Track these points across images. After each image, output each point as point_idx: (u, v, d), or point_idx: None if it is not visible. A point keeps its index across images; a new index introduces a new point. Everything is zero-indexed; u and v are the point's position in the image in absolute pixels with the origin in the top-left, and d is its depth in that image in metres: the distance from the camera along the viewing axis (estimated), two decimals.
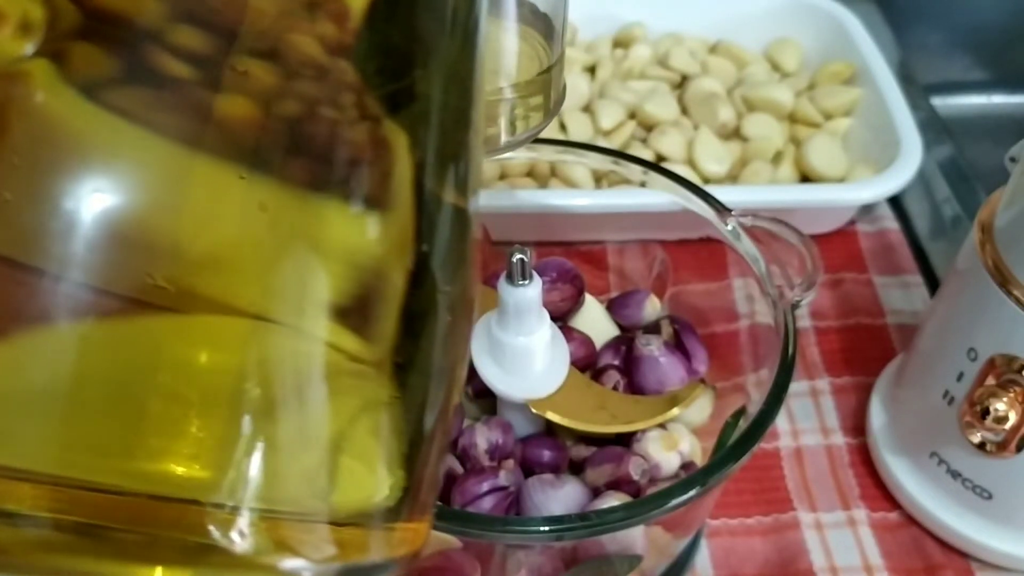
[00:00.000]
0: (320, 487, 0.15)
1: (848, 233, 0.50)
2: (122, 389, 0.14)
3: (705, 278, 0.37)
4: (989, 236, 0.32)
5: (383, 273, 0.16)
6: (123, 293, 0.13)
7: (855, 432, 0.41)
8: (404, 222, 0.16)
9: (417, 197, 0.16)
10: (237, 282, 0.14)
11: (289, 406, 0.15)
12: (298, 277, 0.14)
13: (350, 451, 0.16)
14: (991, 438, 0.32)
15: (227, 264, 0.14)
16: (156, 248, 0.14)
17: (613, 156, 0.36)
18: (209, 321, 0.14)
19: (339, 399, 0.15)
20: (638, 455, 0.31)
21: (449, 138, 0.17)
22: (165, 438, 0.14)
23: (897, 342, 0.45)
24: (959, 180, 0.53)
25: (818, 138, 0.50)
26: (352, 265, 0.15)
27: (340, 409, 0.15)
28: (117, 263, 0.13)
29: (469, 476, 0.29)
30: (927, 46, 0.70)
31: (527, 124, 0.28)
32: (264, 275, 0.14)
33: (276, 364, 0.14)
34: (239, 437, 0.14)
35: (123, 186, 0.13)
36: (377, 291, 0.16)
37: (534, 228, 0.45)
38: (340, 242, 0.15)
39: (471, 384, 0.33)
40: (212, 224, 0.14)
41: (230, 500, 0.14)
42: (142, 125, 0.13)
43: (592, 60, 0.57)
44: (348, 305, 0.15)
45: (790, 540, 0.37)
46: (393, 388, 0.16)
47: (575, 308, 0.35)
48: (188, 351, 0.14)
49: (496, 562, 0.29)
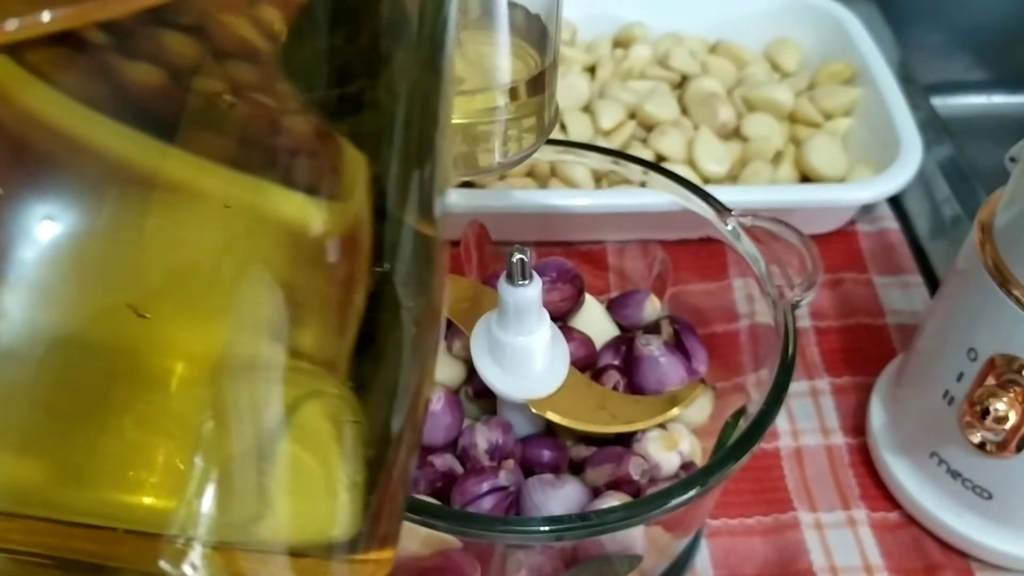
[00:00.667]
0: (277, 519, 0.15)
1: (848, 233, 0.50)
2: (72, 419, 0.13)
3: (705, 278, 0.37)
4: (989, 236, 0.32)
5: (340, 279, 0.15)
6: (77, 319, 0.13)
7: (855, 432, 0.41)
8: (358, 222, 0.15)
9: (375, 205, 0.15)
10: (192, 305, 0.14)
11: (244, 436, 0.14)
12: (254, 300, 0.14)
13: (308, 481, 0.15)
14: (991, 438, 0.32)
15: (182, 287, 0.13)
16: (114, 272, 0.13)
17: (613, 156, 0.36)
18: (161, 348, 0.14)
19: (297, 427, 0.15)
20: (638, 455, 0.31)
21: (410, 148, 0.16)
22: (116, 469, 0.14)
23: (897, 342, 0.45)
24: (959, 180, 0.53)
25: (818, 138, 0.50)
26: (305, 270, 0.15)
27: (298, 437, 0.15)
28: (72, 288, 0.13)
29: (469, 476, 0.29)
30: (927, 46, 0.70)
31: (520, 146, 0.28)
32: (221, 299, 0.14)
33: (230, 393, 0.14)
34: (192, 468, 0.14)
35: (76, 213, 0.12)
36: (335, 303, 0.15)
37: (534, 228, 0.45)
38: (290, 240, 0.14)
39: (471, 384, 0.33)
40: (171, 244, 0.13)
41: (182, 532, 0.14)
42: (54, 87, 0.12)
43: (592, 60, 0.57)
44: (304, 323, 0.15)
45: (790, 540, 0.37)
46: (353, 413, 0.16)
47: (575, 308, 0.35)
48: (141, 382, 0.14)
49: (496, 562, 0.29)
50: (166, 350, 0.14)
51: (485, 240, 0.38)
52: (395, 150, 0.16)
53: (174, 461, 0.14)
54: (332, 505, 0.16)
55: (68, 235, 0.12)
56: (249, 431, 0.14)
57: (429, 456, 0.31)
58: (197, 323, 0.14)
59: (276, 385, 0.14)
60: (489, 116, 0.27)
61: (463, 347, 0.33)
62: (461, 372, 0.34)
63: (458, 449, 0.31)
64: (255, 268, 0.14)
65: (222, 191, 0.14)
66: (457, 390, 0.33)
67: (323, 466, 0.15)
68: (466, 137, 0.27)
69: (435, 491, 0.30)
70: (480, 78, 0.26)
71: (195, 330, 0.14)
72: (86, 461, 0.13)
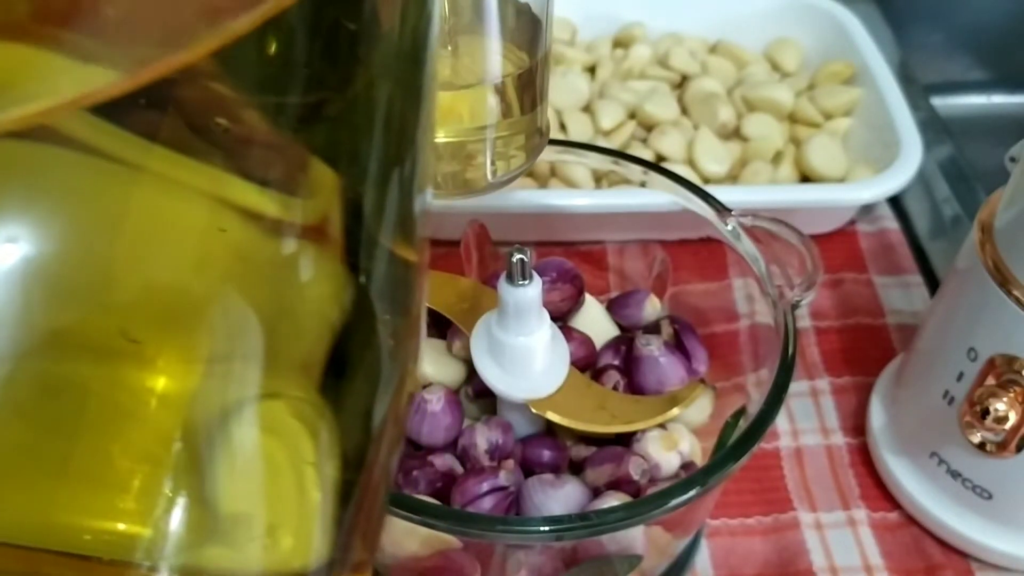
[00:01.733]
0: (246, 544, 0.14)
1: (848, 233, 0.50)
2: (37, 442, 0.13)
3: (705, 278, 0.37)
4: (989, 236, 0.32)
5: (311, 295, 0.14)
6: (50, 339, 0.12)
7: (855, 432, 0.41)
8: (327, 221, 0.15)
9: (347, 213, 0.15)
10: (166, 321, 0.13)
11: (216, 458, 0.14)
12: (227, 318, 0.13)
13: (278, 503, 0.15)
14: (991, 438, 0.32)
15: (154, 303, 0.13)
16: (83, 290, 0.12)
17: (613, 156, 0.36)
18: (137, 367, 0.13)
19: (269, 448, 0.14)
20: (638, 455, 0.31)
21: (385, 160, 0.15)
22: (80, 493, 0.13)
23: (897, 342, 0.45)
24: (959, 180, 0.53)
25: (818, 138, 0.50)
26: (277, 275, 0.14)
27: (270, 458, 0.14)
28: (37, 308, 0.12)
29: (469, 476, 0.29)
30: (927, 46, 0.70)
31: (509, 165, 0.28)
32: (195, 313, 0.13)
33: (202, 414, 0.13)
34: (159, 492, 0.13)
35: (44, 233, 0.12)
36: (305, 315, 0.14)
37: (534, 228, 0.45)
38: (256, 238, 0.14)
39: (471, 384, 0.33)
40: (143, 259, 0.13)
41: (147, 558, 0.13)
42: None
43: (592, 60, 0.57)
44: (277, 331, 0.14)
45: (790, 540, 0.37)
46: (326, 429, 0.15)
47: (575, 308, 0.35)
48: (111, 398, 0.13)
49: (496, 562, 0.29)
50: (142, 369, 0.13)
51: (485, 240, 0.38)
52: (369, 162, 0.15)
53: (148, 485, 0.13)
54: (304, 529, 0.15)
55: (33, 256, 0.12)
56: (221, 454, 0.14)
57: (429, 456, 0.31)
58: (171, 340, 0.13)
59: (250, 407, 0.14)
60: (479, 135, 0.27)
61: (463, 347, 0.33)
62: (461, 372, 0.34)
63: (458, 449, 0.31)
64: (229, 280, 0.13)
65: (191, 184, 0.13)
66: (457, 390, 0.33)
67: (298, 486, 0.15)
68: (455, 156, 0.27)
69: (435, 491, 0.30)
70: (470, 95, 0.26)
71: (170, 347, 0.13)
72: (57, 485, 0.13)
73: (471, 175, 0.27)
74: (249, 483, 0.14)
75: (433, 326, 0.36)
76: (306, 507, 0.15)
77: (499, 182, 0.28)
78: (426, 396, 0.31)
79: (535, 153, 0.28)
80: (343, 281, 0.15)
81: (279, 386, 0.14)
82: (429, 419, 0.31)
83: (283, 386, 0.14)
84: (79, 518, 0.13)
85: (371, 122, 0.15)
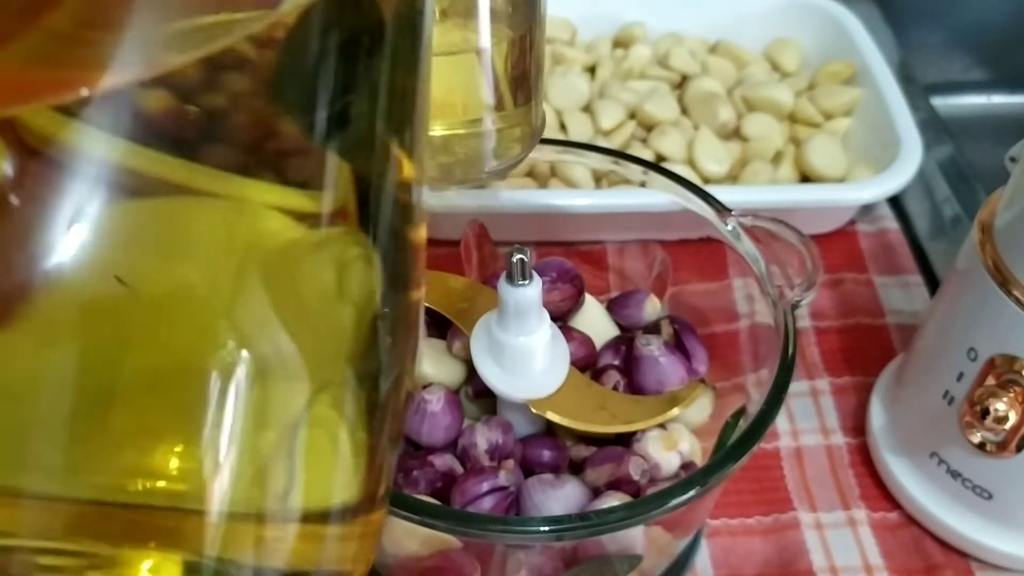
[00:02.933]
0: (280, 485, 0.15)
1: (848, 233, 0.50)
2: (92, 398, 0.13)
3: (705, 278, 0.37)
4: (989, 236, 0.32)
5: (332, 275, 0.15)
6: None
7: (855, 432, 0.41)
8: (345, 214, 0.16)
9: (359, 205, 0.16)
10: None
11: (248, 408, 0.14)
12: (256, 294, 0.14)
13: (319, 452, 0.16)
14: (991, 438, 0.32)
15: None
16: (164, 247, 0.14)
17: (613, 156, 0.36)
18: (172, 321, 0.14)
19: (293, 403, 0.15)
20: (638, 455, 0.31)
21: (384, 153, 0.16)
22: (125, 449, 0.14)
23: (897, 342, 0.45)
24: (959, 180, 0.53)
25: (818, 138, 0.50)
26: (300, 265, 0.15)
27: (294, 412, 0.15)
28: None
29: (469, 476, 0.29)
30: (927, 46, 0.70)
31: (507, 155, 0.28)
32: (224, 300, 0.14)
33: (233, 368, 0.14)
34: (201, 438, 0.14)
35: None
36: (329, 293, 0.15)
37: (534, 228, 0.45)
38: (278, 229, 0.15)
39: (471, 384, 0.33)
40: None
41: (194, 503, 0.14)
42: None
43: (592, 60, 0.57)
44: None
45: (790, 540, 0.37)
46: (346, 391, 0.16)
47: (575, 308, 0.35)
48: (153, 356, 0.14)
49: (496, 562, 0.29)
50: (208, 333, 0.14)
51: (485, 240, 0.38)
52: (373, 156, 0.16)
53: (178, 433, 0.14)
54: (340, 472, 0.16)
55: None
56: (255, 406, 0.15)
57: (429, 456, 0.31)
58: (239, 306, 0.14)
59: (283, 363, 0.15)
60: (476, 127, 0.27)
61: (463, 347, 0.33)
62: (461, 372, 0.34)
63: (458, 449, 0.31)
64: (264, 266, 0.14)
65: (224, 192, 0.14)
66: (457, 390, 0.33)
67: (330, 437, 0.16)
68: (450, 148, 0.27)
69: (435, 491, 0.30)
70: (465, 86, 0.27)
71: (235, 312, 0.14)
72: (101, 441, 0.14)
73: (469, 166, 0.28)
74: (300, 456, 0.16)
75: (433, 326, 0.36)
76: (342, 449, 0.16)
77: (497, 171, 0.28)
78: (426, 396, 0.31)
79: (533, 142, 0.29)
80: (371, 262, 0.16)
81: (327, 375, 0.15)
82: (429, 419, 0.31)
83: (330, 374, 0.16)
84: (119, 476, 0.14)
85: (375, 108, 0.15)
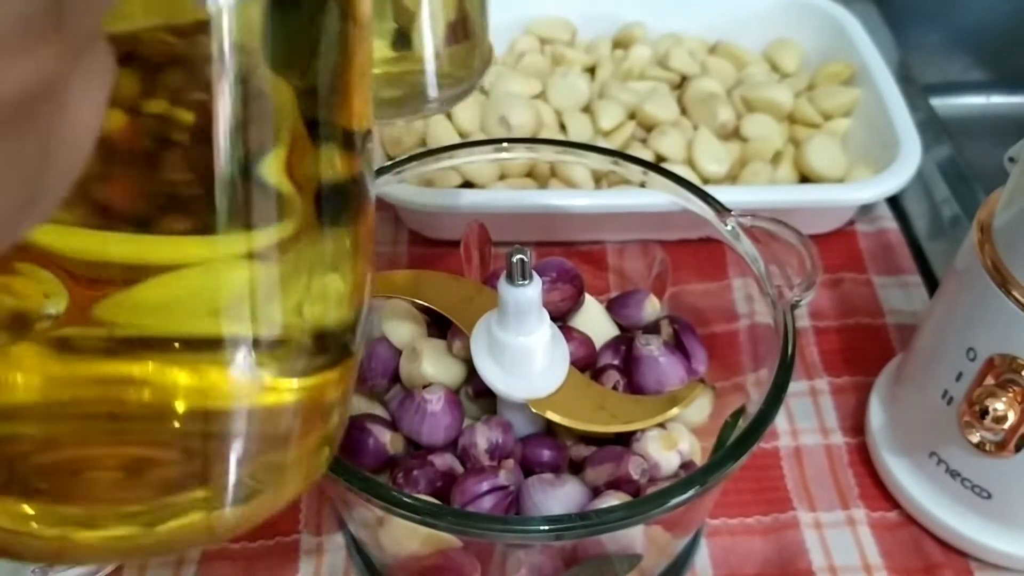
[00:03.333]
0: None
1: (847, 233, 0.51)
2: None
3: (705, 278, 0.37)
4: (988, 236, 0.32)
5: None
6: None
7: (854, 432, 0.41)
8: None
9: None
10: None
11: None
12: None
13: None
14: (990, 438, 0.32)
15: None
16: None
17: (613, 156, 0.36)
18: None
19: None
20: (638, 454, 0.31)
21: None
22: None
23: (896, 342, 0.45)
24: (958, 180, 0.53)
25: (817, 138, 0.50)
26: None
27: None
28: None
29: (469, 475, 0.29)
30: (926, 46, 0.70)
31: (453, 87, 0.30)
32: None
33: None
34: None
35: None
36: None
37: (534, 228, 0.45)
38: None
39: (471, 384, 0.33)
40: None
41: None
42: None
43: (592, 61, 0.57)
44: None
45: (789, 539, 0.37)
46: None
47: (575, 308, 0.36)
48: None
49: (496, 561, 0.29)
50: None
51: (485, 240, 0.38)
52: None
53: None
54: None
55: None
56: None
57: (429, 456, 0.31)
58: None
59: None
60: (418, 64, 0.29)
61: (463, 347, 0.33)
62: (461, 372, 0.34)
63: (458, 449, 0.31)
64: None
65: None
66: (457, 390, 0.33)
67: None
68: (398, 81, 0.29)
69: (435, 490, 0.30)
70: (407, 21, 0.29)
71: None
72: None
73: (416, 97, 0.29)
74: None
75: (433, 326, 0.36)
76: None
77: (444, 99, 0.30)
78: (426, 396, 0.31)
79: (476, 78, 0.30)
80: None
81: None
82: (429, 419, 0.31)
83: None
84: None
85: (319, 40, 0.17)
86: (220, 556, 0.37)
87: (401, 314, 0.36)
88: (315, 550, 0.37)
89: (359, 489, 0.25)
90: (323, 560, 0.36)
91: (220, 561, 0.36)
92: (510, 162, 0.47)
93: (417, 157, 0.35)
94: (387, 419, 0.33)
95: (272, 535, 0.37)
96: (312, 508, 0.38)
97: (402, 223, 0.49)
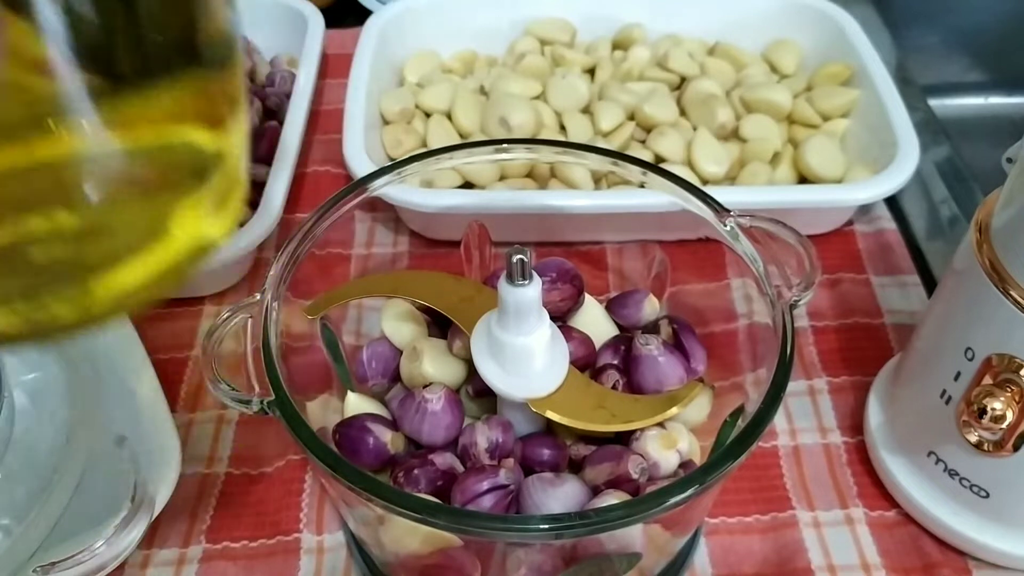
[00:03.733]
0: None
1: (846, 233, 0.51)
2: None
3: (704, 278, 0.37)
4: (986, 236, 0.32)
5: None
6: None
7: (853, 431, 0.41)
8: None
9: None
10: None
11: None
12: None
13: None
14: (988, 437, 0.32)
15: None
16: None
17: (612, 157, 0.36)
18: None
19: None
20: (637, 454, 0.31)
21: None
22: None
23: (895, 342, 0.45)
24: (956, 181, 0.53)
25: (816, 139, 0.50)
26: None
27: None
28: None
29: (469, 475, 0.30)
30: (924, 47, 0.70)
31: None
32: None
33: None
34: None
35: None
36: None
37: (534, 228, 0.45)
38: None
39: (471, 383, 0.33)
40: None
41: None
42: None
43: (591, 62, 0.57)
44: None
45: (788, 538, 0.37)
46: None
47: (575, 308, 0.36)
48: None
49: (496, 560, 0.29)
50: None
51: (485, 240, 0.39)
52: None
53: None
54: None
55: None
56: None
57: (430, 455, 0.31)
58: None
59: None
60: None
61: (463, 347, 0.33)
62: (461, 371, 0.34)
63: (458, 448, 0.31)
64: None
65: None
66: (457, 389, 0.34)
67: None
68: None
69: (436, 490, 0.30)
70: None
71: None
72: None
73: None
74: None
75: (433, 326, 0.36)
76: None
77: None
78: (426, 395, 0.31)
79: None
80: None
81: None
82: (430, 418, 0.31)
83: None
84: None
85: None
86: (221, 555, 0.37)
87: (402, 314, 0.36)
88: (315, 549, 0.37)
89: (360, 488, 0.25)
90: (323, 559, 0.37)
91: (221, 560, 0.37)
92: (510, 163, 0.47)
93: (417, 158, 0.35)
94: (388, 418, 0.33)
95: (273, 534, 0.37)
96: (313, 507, 0.38)
97: (403, 224, 0.49)
